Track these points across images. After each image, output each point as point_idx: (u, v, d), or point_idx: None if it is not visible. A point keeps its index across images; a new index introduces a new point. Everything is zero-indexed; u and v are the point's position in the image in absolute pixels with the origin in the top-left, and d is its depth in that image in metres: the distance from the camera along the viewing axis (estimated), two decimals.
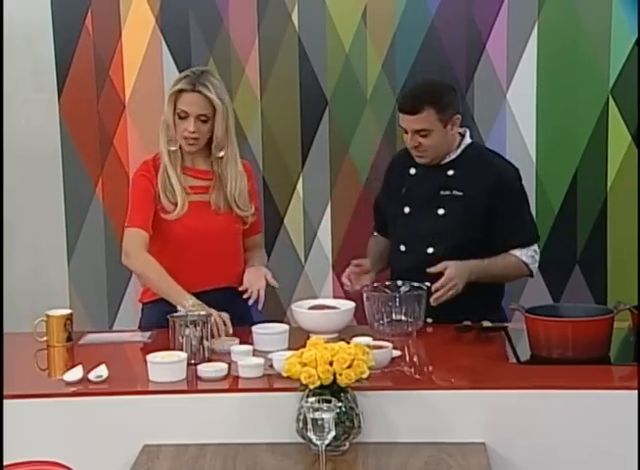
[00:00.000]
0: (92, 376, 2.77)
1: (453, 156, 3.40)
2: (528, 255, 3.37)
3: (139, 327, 3.46)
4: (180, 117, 3.33)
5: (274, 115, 4.05)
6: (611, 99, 3.92)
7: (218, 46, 4.02)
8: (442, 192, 3.37)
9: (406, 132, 3.35)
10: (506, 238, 3.35)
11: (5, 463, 2.38)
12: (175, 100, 3.33)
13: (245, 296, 3.34)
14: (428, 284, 3.23)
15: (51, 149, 4.13)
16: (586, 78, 3.93)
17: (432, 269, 3.20)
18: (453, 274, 3.18)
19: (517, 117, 3.98)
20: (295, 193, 4.09)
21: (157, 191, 3.34)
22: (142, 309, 3.50)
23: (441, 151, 3.37)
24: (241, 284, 3.38)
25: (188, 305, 3.05)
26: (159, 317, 3.21)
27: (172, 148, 3.36)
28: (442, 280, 3.18)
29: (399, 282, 3.25)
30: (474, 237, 3.30)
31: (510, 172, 3.42)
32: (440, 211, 3.36)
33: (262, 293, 3.35)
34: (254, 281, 3.37)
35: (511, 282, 3.53)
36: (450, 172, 3.38)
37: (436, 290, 3.17)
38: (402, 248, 3.43)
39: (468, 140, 3.43)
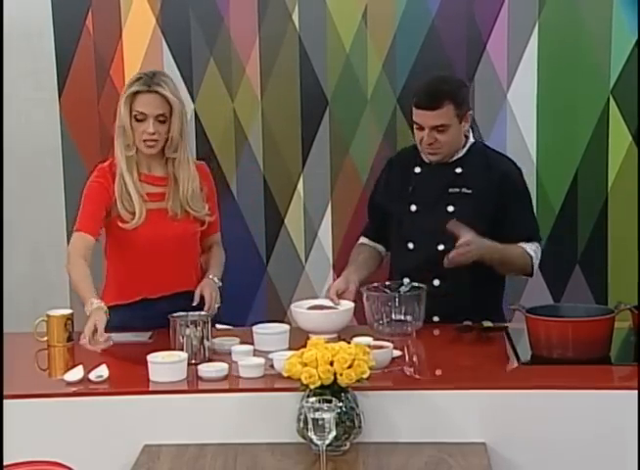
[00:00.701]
0: (92, 376, 2.77)
1: (460, 154, 3.41)
2: (533, 249, 3.38)
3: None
4: (137, 120, 3.30)
5: (274, 114, 4.05)
6: (611, 99, 3.92)
7: (219, 46, 4.02)
8: (451, 189, 3.37)
9: (421, 129, 3.33)
10: (513, 231, 3.36)
11: (5, 463, 2.38)
12: (131, 102, 3.30)
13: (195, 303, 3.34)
14: (437, 282, 3.26)
15: (51, 148, 4.13)
16: (587, 78, 3.93)
17: (450, 226, 3.18)
18: (472, 239, 3.17)
19: (517, 116, 3.97)
20: (295, 193, 4.09)
21: (112, 198, 3.31)
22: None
23: (454, 147, 3.38)
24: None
25: (88, 309, 3.06)
26: (119, 320, 3.24)
27: (129, 153, 3.32)
28: (461, 241, 3.16)
29: (405, 280, 3.27)
30: (483, 233, 3.29)
31: (515, 170, 3.45)
32: (450, 209, 3.36)
33: (215, 304, 3.36)
34: (207, 291, 3.37)
35: (512, 276, 3.52)
36: (458, 170, 3.39)
37: (457, 253, 3.15)
38: (410, 246, 3.41)
39: (472, 139, 3.45)
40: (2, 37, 3.99)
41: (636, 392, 2.60)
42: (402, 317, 3.15)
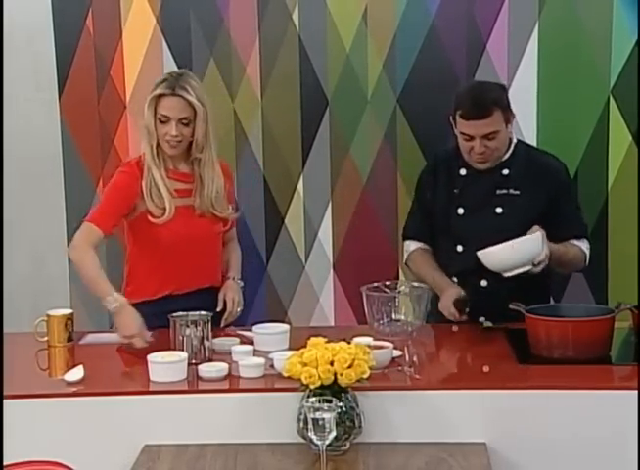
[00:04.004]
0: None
1: (506, 155, 3.38)
2: (586, 246, 3.38)
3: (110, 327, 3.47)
4: (161, 122, 3.31)
5: (275, 115, 4.05)
6: (611, 99, 3.92)
7: (219, 46, 4.02)
8: (499, 191, 3.35)
9: (471, 139, 3.28)
10: (564, 228, 3.33)
11: (6, 463, 2.38)
12: (155, 104, 3.31)
13: (224, 315, 3.40)
14: (484, 283, 3.30)
15: (51, 149, 4.13)
16: (587, 78, 3.93)
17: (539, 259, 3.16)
18: (548, 252, 3.16)
19: (517, 116, 3.94)
20: (295, 193, 4.09)
21: (138, 195, 3.31)
22: None
23: (502, 152, 3.36)
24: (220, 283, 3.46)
25: (108, 301, 3.09)
26: (145, 317, 3.22)
27: (155, 152, 3.34)
28: (542, 257, 3.14)
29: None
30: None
31: (560, 166, 3.43)
32: (499, 210, 3.34)
33: (237, 308, 3.43)
34: (230, 295, 3.43)
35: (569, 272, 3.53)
36: (505, 172, 3.36)
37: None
38: (459, 248, 3.39)
39: (514, 139, 3.43)
40: (2, 37, 4.00)
41: (636, 392, 2.60)
42: (402, 317, 3.15)
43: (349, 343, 2.63)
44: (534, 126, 3.97)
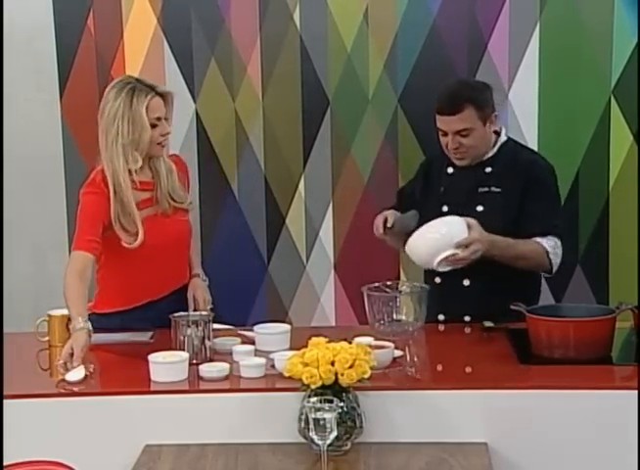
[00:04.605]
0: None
1: (490, 154, 3.39)
2: (549, 244, 3.30)
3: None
4: (153, 126, 3.25)
5: (276, 114, 4.05)
6: (613, 99, 3.92)
7: (220, 46, 4.02)
8: (481, 189, 3.36)
9: (445, 134, 3.31)
10: (527, 225, 3.29)
11: (7, 463, 2.38)
12: (146, 112, 3.22)
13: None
14: (466, 282, 3.29)
15: (52, 149, 4.13)
16: (588, 78, 3.93)
17: (461, 241, 3.13)
18: (478, 236, 3.12)
19: (518, 116, 3.97)
20: (296, 193, 4.09)
21: (109, 212, 3.21)
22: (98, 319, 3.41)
23: (481, 150, 3.36)
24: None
25: (73, 327, 2.99)
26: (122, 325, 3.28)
27: (135, 166, 3.24)
28: (466, 239, 3.11)
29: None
30: (510, 231, 3.25)
31: (541, 164, 3.40)
32: (479, 208, 3.33)
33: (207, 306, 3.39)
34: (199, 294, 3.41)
35: (529, 269, 3.46)
36: (488, 169, 3.37)
37: (458, 259, 3.12)
38: None
39: (504, 137, 3.42)
40: (2, 37, 4.00)
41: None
42: (403, 317, 3.15)
43: (350, 343, 2.63)
44: (535, 126, 3.97)
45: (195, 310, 3.32)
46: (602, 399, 2.65)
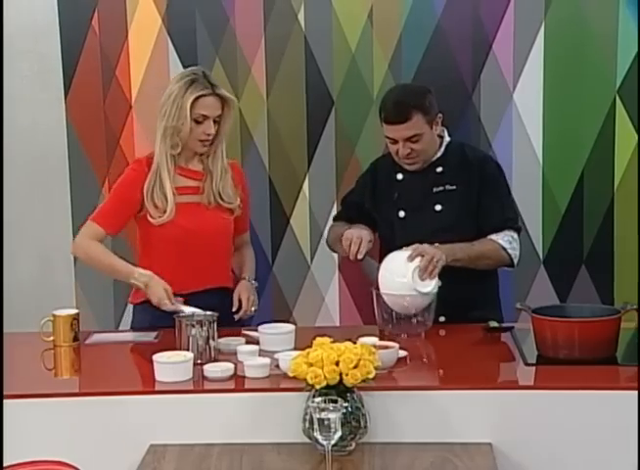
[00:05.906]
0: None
1: (439, 154, 3.44)
2: (505, 239, 3.37)
3: (131, 328, 3.48)
4: (197, 122, 3.32)
5: (280, 114, 4.05)
6: (618, 99, 3.92)
7: (224, 46, 4.02)
8: (435, 189, 3.41)
9: (395, 142, 3.36)
10: (485, 220, 3.38)
11: (12, 463, 2.38)
12: (192, 105, 3.30)
13: (237, 316, 3.40)
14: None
15: (57, 149, 4.13)
16: (593, 78, 3.92)
17: (407, 250, 3.18)
18: (424, 248, 3.17)
19: (523, 117, 3.97)
20: (301, 193, 4.09)
21: (142, 190, 3.33)
22: (133, 311, 3.51)
23: (430, 153, 3.42)
24: (231, 284, 3.46)
25: (136, 279, 3.22)
26: (151, 318, 3.28)
27: (175, 151, 3.35)
28: (411, 249, 3.17)
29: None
30: (471, 227, 3.34)
31: (490, 162, 3.50)
32: (437, 207, 3.40)
33: (252, 308, 3.44)
34: (245, 295, 3.43)
35: (492, 267, 3.46)
36: (439, 169, 3.43)
37: (425, 268, 3.15)
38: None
39: (447, 138, 3.48)
40: (2, 37, 4.00)
41: None
42: (411, 318, 3.15)
43: (355, 343, 2.63)
44: (540, 126, 3.97)
45: (237, 311, 3.38)
46: (607, 399, 2.65)
